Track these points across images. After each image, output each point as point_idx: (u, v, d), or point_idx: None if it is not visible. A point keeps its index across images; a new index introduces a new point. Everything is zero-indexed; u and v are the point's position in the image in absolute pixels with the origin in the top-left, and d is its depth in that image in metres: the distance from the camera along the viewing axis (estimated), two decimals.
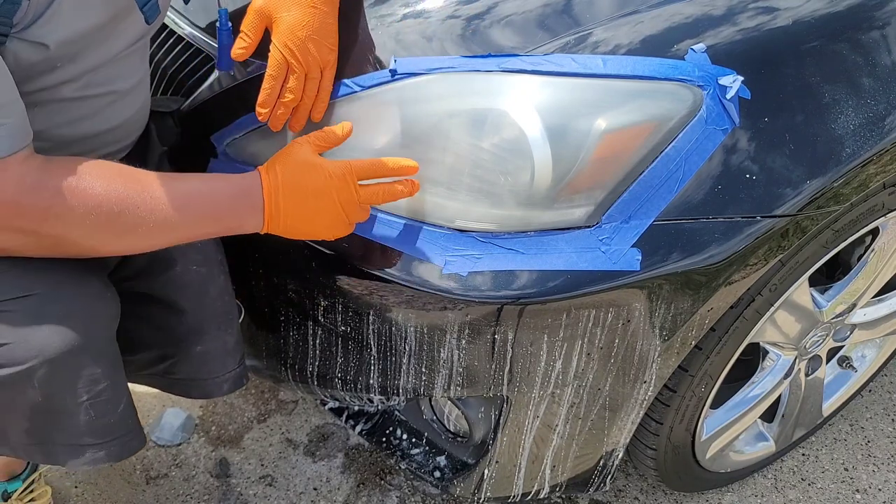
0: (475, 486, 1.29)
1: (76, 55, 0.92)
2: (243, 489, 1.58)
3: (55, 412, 0.98)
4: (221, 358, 1.17)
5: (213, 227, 0.98)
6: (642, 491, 1.60)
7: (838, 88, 1.08)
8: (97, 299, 0.99)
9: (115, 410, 1.02)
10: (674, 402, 1.26)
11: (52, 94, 0.94)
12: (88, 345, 0.96)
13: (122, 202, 0.90)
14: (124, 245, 0.95)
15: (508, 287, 1.02)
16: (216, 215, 0.97)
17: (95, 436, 1.02)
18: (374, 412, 1.39)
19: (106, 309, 1.00)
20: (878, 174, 1.12)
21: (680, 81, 1.03)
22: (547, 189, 1.02)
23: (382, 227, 1.06)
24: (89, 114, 1.00)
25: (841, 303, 1.40)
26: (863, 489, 1.62)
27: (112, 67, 0.99)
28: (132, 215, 0.91)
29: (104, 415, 1.01)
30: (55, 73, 0.92)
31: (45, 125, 0.94)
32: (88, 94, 0.97)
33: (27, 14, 0.84)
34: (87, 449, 1.03)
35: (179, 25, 1.26)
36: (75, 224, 0.89)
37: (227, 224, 0.98)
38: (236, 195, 0.97)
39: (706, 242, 1.03)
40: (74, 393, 0.98)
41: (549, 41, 1.07)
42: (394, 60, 1.07)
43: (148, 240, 0.94)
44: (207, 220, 0.97)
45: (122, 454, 1.06)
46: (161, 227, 0.93)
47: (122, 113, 1.04)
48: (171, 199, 0.92)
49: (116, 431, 1.04)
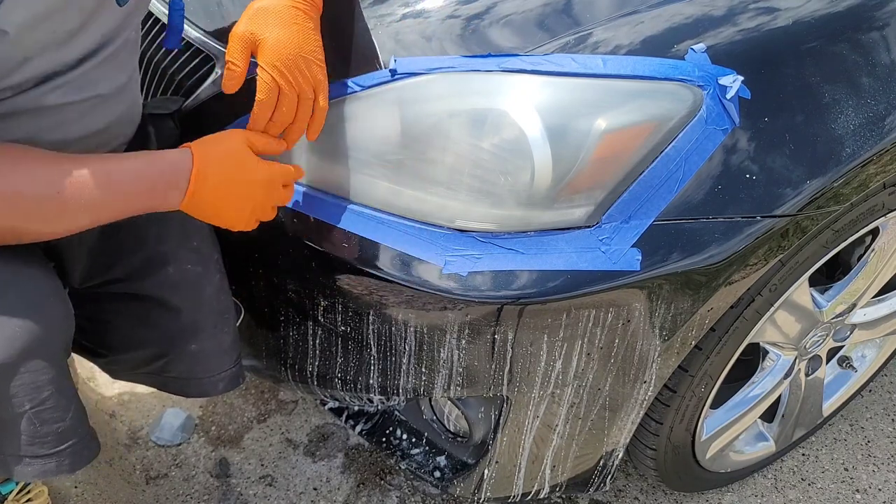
0: (475, 486, 1.29)
1: (48, 44, 0.88)
2: (243, 489, 1.58)
3: (0, 423, 0.95)
4: (217, 356, 1.16)
5: (139, 204, 0.94)
6: (642, 491, 1.60)
7: (838, 88, 1.08)
8: (40, 305, 0.95)
9: (62, 419, 0.99)
10: (674, 402, 1.26)
11: (40, 100, 0.91)
12: (31, 352, 0.92)
13: (42, 187, 0.86)
14: (50, 230, 0.91)
15: (508, 287, 1.02)
16: (142, 192, 0.93)
17: (43, 446, 0.99)
18: (374, 412, 1.39)
19: (51, 315, 0.95)
20: (878, 174, 1.12)
21: (680, 81, 1.03)
22: (547, 189, 1.02)
23: (382, 227, 1.06)
24: (73, 118, 0.97)
25: (841, 303, 1.39)
26: (863, 489, 1.62)
27: (98, 68, 0.96)
28: (54, 200, 0.87)
29: (50, 423, 0.98)
30: (29, 65, 0.88)
31: (31, 131, 0.92)
32: (71, 99, 0.94)
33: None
34: (36, 460, 1.00)
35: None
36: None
37: (151, 203, 0.94)
38: (164, 172, 0.94)
39: (706, 242, 1.03)
40: (18, 403, 0.94)
41: (549, 41, 1.07)
42: (394, 60, 1.07)
43: (73, 223, 0.91)
44: (133, 197, 0.93)
45: (75, 464, 1.02)
46: (86, 209, 0.89)
47: (106, 116, 1.01)
48: (94, 180, 0.88)
49: (66, 440, 1.01)
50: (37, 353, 0.93)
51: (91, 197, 0.89)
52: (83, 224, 0.92)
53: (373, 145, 1.07)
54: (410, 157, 1.04)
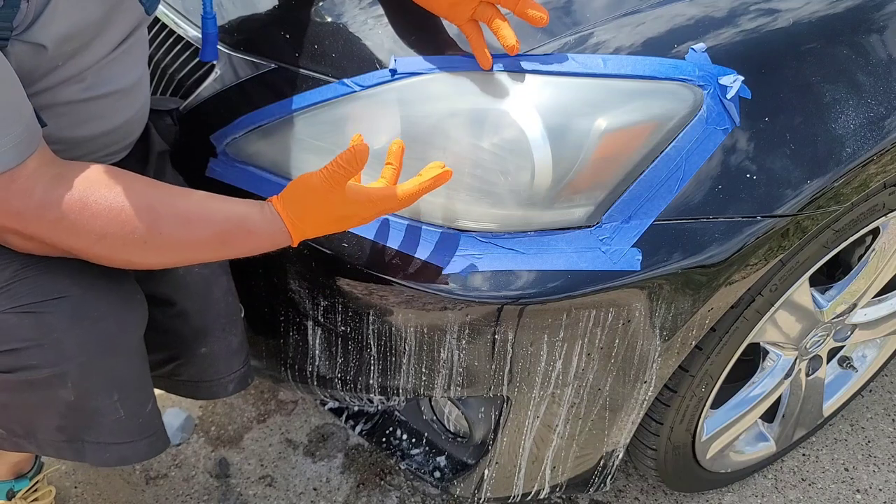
0: (475, 487, 1.29)
1: (75, 52, 0.91)
2: (243, 489, 1.58)
3: (87, 411, 1.00)
4: (226, 359, 1.17)
5: (229, 256, 1.00)
6: (642, 491, 1.60)
7: (838, 88, 1.08)
8: (128, 302, 1.00)
9: (143, 411, 1.05)
10: (674, 402, 1.26)
11: (57, 97, 0.93)
12: (120, 347, 0.98)
13: (144, 220, 0.89)
14: (149, 261, 0.94)
15: (508, 287, 1.02)
16: (235, 250, 0.97)
17: (124, 435, 1.05)
18: (374, 412, 1.39)
19: (136, 311, 1.01)
20: (879, 174, 1.12)
21: (680, 81, 1.03)
22: (547, 189, 1.02)
23: (383, 228, 1.06)
24: (95, 114, 0.99)
25: (841, 303, 1.39)
26: (863, 489, 1.62)
27: (112, 65, 0.98)
28: (156, 234, 0.90)
29: (133, 415, 1.03)
30: (56, 72, 0.91)
31: (52, 128, 0.94)
32: (92, 94, 0.97)
33: (27, 16, 0.84)
34: (116, 447, 1.05)
35: (179, 25, 1.26)
36: (88, 241, 0.89)
37: (244, 254, 0.98)
38: (259, 238, 0.96)
39: (706, 242, 1.03)
40: (107, 393, 0.99)
41: (549, 41, 1.07)
42: (394, 60, 1.07)
43: (172, 256, 0.95)
44: (226, 252, 0.98)
45: (148, 453, 1.08)
46: (188, 246, 0.93)
47: (125, 112, 1.04)
48: (202, 226, 0.92)
49: (144, 431, 1.06)
50: (125, 347, 0.99)
51: (196, 237, 0.92)
52: (185, 260, 0.97)
53: (373, 145, 1.07)
54: (410, 157, 1.04)
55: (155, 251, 0.91)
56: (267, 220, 0.94)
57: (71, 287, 0.94)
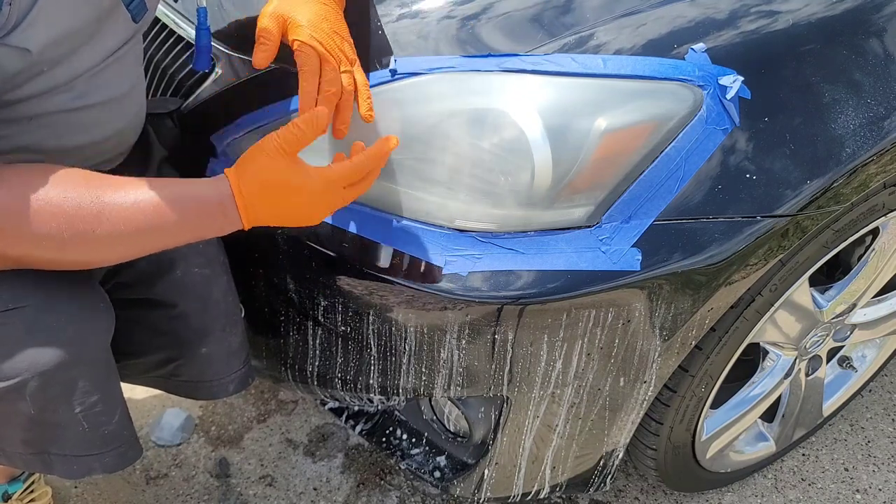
0: (475, 487, 1.29)
1: (61, 59, 0.89)
2: (243, 489, 1.58)
3: (49, 424, 0.98)
4: (226, 359, 1.17)
5: (184, 237, 0.93)
6: (642, 491, 1.60)
7: (838, 89, 1.08)
8: (90, 311, 0.97)
9: (109, 421, 1.02)
10: (674, 402, 1.26)
11: (45, 106, 0.91)
12: (81, 357, 0.95)
13: (85, 216, 0.85)
14: (96, 258, 0.90)
15: (508, 287, 1.02)
16: (185, 226, 0.91)
17: (91, 447, 1.02)
18: (374, 412, 1.39)
19: (99, 320, 0.98)
20: (879, 174, 1.12)
21: (680, 81, 1.03)
22: (547, 189, 1.02)
23: (382, 227, 1.06)
24: (85, 124, 0.97)
25: (841, 303, 1.39)
26: (863, 489, 1.62)
27: (103, 73, 0.95)
28: (97, 229, 0.85)
29: (99, 426, 1.01)
30: (42, 79, 0.88)
31: (38, 137, 0.92)
32: (82, 104, 0.94)
33: (9, 19, 0.81)
34: (83, 459, 1.03)
35: (179, 25, 1.25)
36: (32, 244, 0.85)
37: (201, 234, 0.93)
38: (206, 204, 0.91)
39: (706, 242, 1.03)
40: (67, 405, 0.97)
41: (549, 41, 1.07)
42: (394, 60, 1.07)
43: (116, 252, 0.90)
44: (178, 230, 0.91)
45: (117, 465, 1.05)
46: (132, 238, 0.88)
47: (117, 121, 1.01)
48: (140, 209, 0.87)
49: (112, 442, 1.03)
50: (87, 358, 0.96)
51: (136, 226, 0.87)
52: (130, 254, 0.91)
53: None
54: (410, 157, 1.04)
55: (105, 246, 0.87)
56: (214, 187, 0.90)
57: (27, 297, 0.92)
